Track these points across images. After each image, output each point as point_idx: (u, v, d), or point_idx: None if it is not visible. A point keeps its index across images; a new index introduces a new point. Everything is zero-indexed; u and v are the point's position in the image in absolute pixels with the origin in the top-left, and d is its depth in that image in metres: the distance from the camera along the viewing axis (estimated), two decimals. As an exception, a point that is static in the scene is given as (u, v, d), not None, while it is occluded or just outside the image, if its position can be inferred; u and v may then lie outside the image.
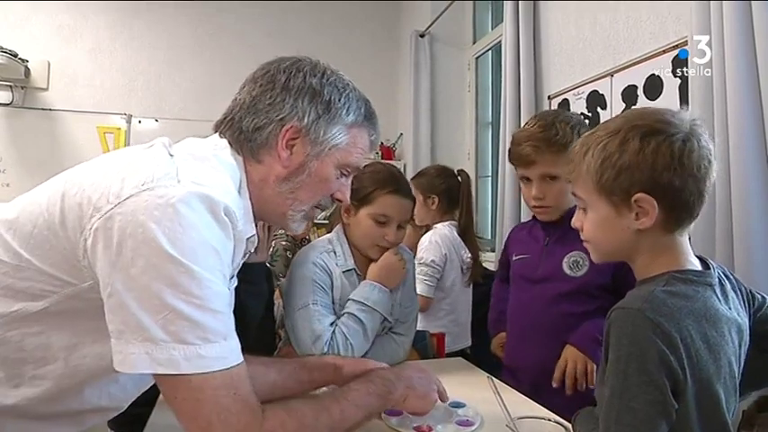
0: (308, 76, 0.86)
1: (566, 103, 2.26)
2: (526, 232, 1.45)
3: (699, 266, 0.79)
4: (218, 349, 0.69)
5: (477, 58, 3.54)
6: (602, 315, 1.12)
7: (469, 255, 2.06)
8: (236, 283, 0.87)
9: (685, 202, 0.74)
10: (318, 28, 3.93)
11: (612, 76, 1.99)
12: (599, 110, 2.08)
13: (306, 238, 2.15)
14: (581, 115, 2.14)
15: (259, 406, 0.72)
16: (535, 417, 0.97)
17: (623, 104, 1.93)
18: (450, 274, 2.01)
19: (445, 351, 1.67)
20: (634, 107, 1.87)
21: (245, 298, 1.08)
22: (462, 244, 2.07)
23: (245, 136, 0.85)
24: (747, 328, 0.80)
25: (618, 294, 1.17)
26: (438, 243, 2.00)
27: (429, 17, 3.49)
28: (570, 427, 0.88)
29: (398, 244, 1.31)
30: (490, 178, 3.37)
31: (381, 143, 3.81)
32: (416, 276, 1.55)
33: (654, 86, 1.79)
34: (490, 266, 2.43)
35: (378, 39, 4.10)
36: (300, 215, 0.90)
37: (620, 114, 0.83)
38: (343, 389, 0.88)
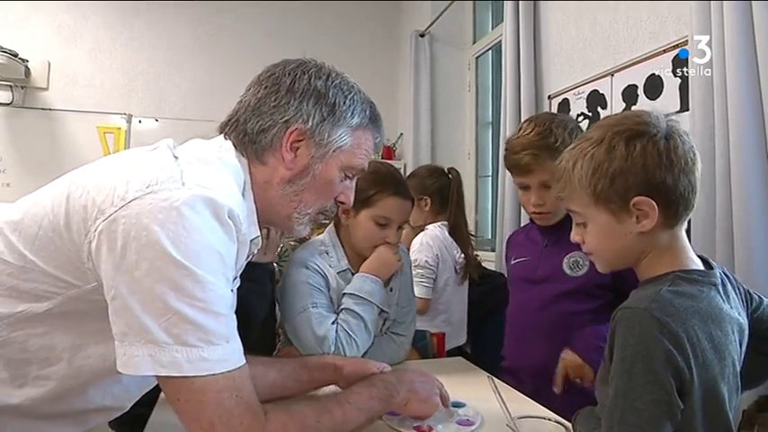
0: (313, 78, 0.86)
1: (566, 102, 2.26)
2: (524, 236, 1.45)
3: (701, 266, 0.79)
4: (220, 352, 0.69)
5: (477, 57, 3.53)
6: (603, 314, 1.13)
7: (462, 254, 2.04)
8: (238, 284, 0.87)
9: (681, 196, 0.75)
10: (318, 28, 3.92)
11: (613, 75, 1.99)
12: (599, 109, 2.08)
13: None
14: (581, 115, 2.15)
15: (261, 408, 0.73)
16: (535, 416, 0.97)
17: (624, 104, 1.93)
18: (444, 273, 2.00)
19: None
20: (634, 107, 1.87)
21: (249, 297, 1.07)
22: (454, 243, 2.05)
23: (249, 138, 0.85)
24: (747, 327, 0.80)
25: (618, 292, 1.18)
26: (429, 244, 1.99)
27: (429, 17, 3.49)
28: (571, 426, 0.88)
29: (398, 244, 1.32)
30: (490, 178, 3.37)
31: (381, 143, 3.80)
32: (413, 279, 1.54)
33: (654, 86, 1.79)
34: (490, 266, 2.43)
35: (378, 39, 4.10)
36: (306, 218, 0.90)
37: (597, 124, 0.83)
38: (346, 392, 0.88)
